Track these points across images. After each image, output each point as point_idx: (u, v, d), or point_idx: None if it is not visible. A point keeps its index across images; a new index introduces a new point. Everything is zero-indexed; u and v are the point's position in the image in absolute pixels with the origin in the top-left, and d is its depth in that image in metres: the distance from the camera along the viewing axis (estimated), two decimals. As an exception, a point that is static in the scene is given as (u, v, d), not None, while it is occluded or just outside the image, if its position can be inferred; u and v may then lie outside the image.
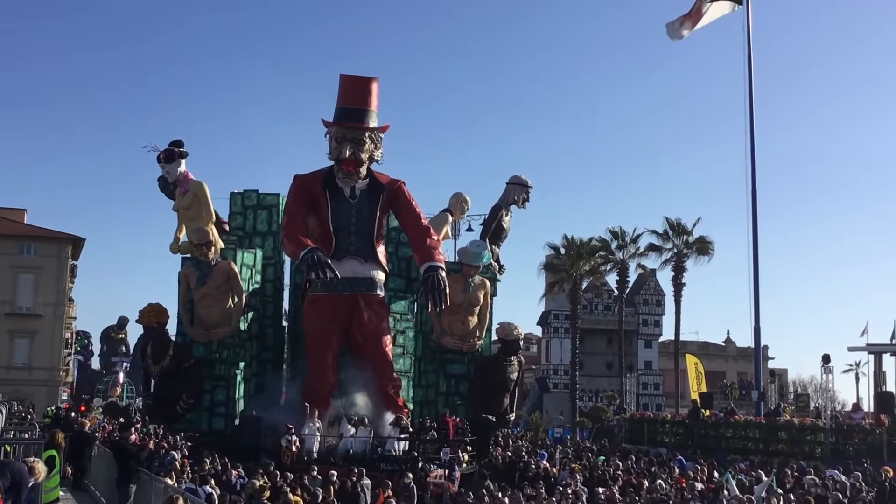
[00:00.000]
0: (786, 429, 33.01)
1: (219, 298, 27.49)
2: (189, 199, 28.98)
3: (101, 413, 55.29)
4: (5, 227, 58.80)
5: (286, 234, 26.45)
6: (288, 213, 27.06)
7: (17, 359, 56.77)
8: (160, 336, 27.15)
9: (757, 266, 39.39)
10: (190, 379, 26.84)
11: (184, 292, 27.82)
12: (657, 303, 67.31)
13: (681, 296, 54.98)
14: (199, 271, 27.46)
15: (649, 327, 67.34)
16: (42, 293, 57.35)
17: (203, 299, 27.48)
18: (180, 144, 29.37)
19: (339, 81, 27.46)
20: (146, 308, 27.40)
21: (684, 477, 23.89)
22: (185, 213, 29.20)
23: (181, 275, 27.97)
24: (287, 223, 26.73)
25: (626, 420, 43.07)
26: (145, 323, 27.36)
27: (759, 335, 39.99)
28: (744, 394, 62.88)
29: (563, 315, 64.47)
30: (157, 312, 27.29)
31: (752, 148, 39.85)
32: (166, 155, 28.99)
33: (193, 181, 29.19)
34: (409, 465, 22.36)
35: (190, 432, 25.19)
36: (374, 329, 26.45)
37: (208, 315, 27.48)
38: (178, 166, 29.02)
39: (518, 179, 34.07)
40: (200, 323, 27.56)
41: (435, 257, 25.98)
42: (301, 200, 26.89)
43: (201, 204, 29.03)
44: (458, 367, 30.36)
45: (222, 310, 27.57)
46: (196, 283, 27.47)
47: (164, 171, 29.33)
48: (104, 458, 22.41)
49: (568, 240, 56.38)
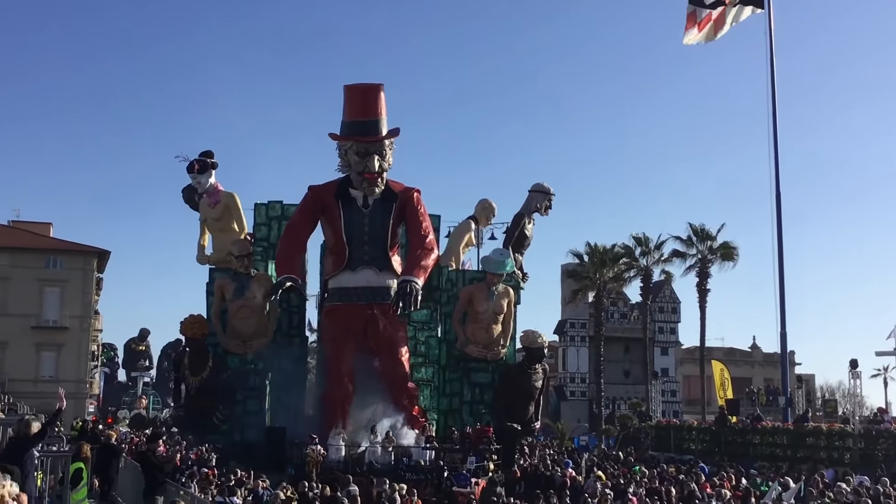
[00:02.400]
0: (814, 435, 32.72)
1: (255, 310, 27.59)
2: (220, 210, 29.09)
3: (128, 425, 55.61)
4: (31, 240, 59.21)
5: (280, 247, 26.83)
6: (289, 224, 27.33)
7: (43, 372, 57.05)
8: (200, 348, 27.16)
9: (782, 271, 39.18)
10: (226, 390, 26.91)
11: (217, 303, 27.89)
12: (672, 310, 67.83)
13: (706, 302, 54.65)
14: (237, 283, 27.54)
15: (665, 335, 67.57)
16: (68, 306, 57.66)
17: (240, 311, 27.56)
18: (211, 155, 29.48)
19: (343, 93, 26.98)
20: (189, 319, 27.40)
21: (709, 483, 23.75)
22: (216, 223, 29.30)
23: (216, 286, 28.06)
24: (284, 235, 27.14)
25: (651, 427, 42.84)
26: (188, 334, 27.35)
27: (786, 340, 39.72)
28: (770, 400, 62.47)
29: (579, 324, 65.45)
30: (199, 324, 27.33)
31: (776, 153, 39.63)
32: (201, 165, 29.07)
33: (224, 192, 29.29)
34: (434, 475, 22.33)
35: (218, 444, 25.30)
36: (389, 338, 26.39)
37: (245, 326, 27.55)
38: (209, 177, 29.16)
39: (540, 187, 34.05)
40: (235, 334, 27.61)
41: (414, 272, 25.31)
42: (307, 212, 27.06)
43: (233, 215, 29.15)
44: (482, 375, 30.30)
45: (258, 321, 27.68)
46: (233, 295, 27.54)
47: (194, 182, 29.37)
48: (131, 470, 22.49)
49: (591, 247, 56.27)
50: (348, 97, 26.87)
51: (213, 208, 29.28)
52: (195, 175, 29.11)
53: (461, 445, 25.22)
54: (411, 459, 23.72)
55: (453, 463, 23.76)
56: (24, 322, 56.12)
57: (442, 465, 23.33)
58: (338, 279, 26.65)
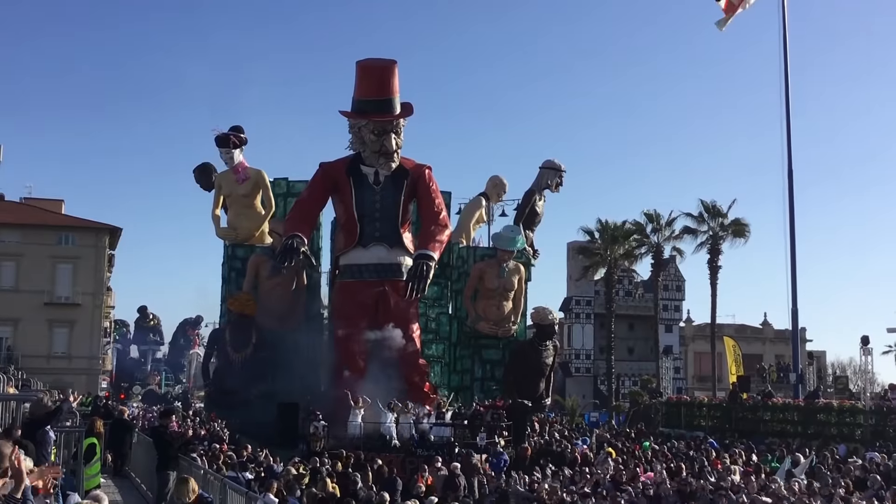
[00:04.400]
0: (825, 411, 32.72)
1: (288, 288, 27.67)
2: (249, 186, 29.05)
3: (141, 400, 55.95)
4: (43, 217, 59.36)
5: (287, 219, 26.76)
6: (299, 198, 27.34)
7: (56, 348, 57.29)
8: (246, 325, 27.18)
9: (794, 250, 39.11)
10: (268, 367, 26.95)
11: (251, 280, 27.94)
12: (677, 288, 68.18)
13: (717, 279, 54.63)
14: (274, 261, 27.59)
15: (669, 312, 67.94)
16: (80, 283, 57.82)
17: (275, 289, 27.62)
18: (241, 131, 29.41)
19: (356, 70, 26.77)
20: (242, 296, 27.40)
21: (720, 460, 23.79)
22: (243, 199, 29.26)
23: (251, 263, 28.11)
24: (293, 208, 27.17)
25: (662, 404, 42.91)
26: (238, 310, 27.31)
27: (797, 317, 39.67)
28: (781, 377, 62.49)
29: (584, 301, 65.99)
30: (251, 303, 27.36)
31: (789, 132, 39.42)
32: (240, 140, 28.99)
33: (254, 169, 29.26)
34: (445, 451, 22.37)
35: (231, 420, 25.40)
36: (400, 315, 26.38)
37: (280, 304, 27.59)
38: (240, 153, 29.14)
39: (551, 164, 34.00)
40: (269, 312, 27.62)
41: (429, 246, 25.57)
42: (318, 188, 27.03)
43: (262, 192, 29.15)
44: (493, 352, 30.35)
45: (292, 299, 27.75)
46: (269, 273, 27.57)
47: (223, 156, 29.15)
48: (144, 446, 22.63)
49: (602, 223, 56.21)
50: (361, 74, 26.65)
51: (240, 184, 29.17)
52: (227, 150, 28.92)
53: (471, 421, 25.24)
54: (424, 435, 23.74)
55: (462, 439, 23.79)
56: (37, 298, 56.34)
57: (453, 440, 23.37)
58: (349, 256, 26.66)
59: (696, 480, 18.36)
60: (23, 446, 9.53)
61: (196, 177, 30.88)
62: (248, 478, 16.96)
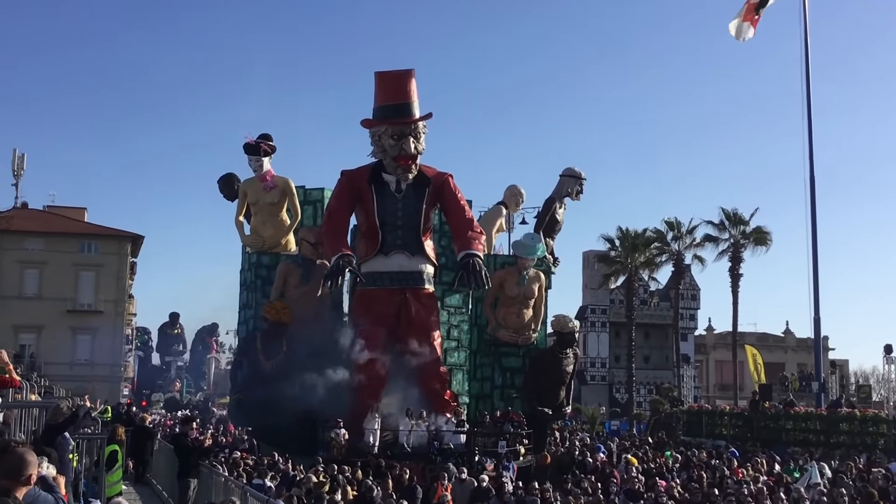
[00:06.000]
0: (847, 420, 32.51)
1: (315, 296, 27.74)
2: (277, 194, 29.07)
3: (162, 408, 56.17)
4: (66, 225, 59.81)
5: (325, 231, 26.56)
6: (329, 209, 27.18)
7: (79, 355, 57.68)
8: (279, 333, 27.21)
9: (816, 258, 39.00)
10: (295, 375, 26.97)
11: (279, 288, 28.01)
12: (692, 297, 67.93)
13: (738, 287, 54.42)
14: (303, 269, 27.54)
15: (685, 321, 67.70)
16: (103, 290, 58.22)
17: (303, 297, 27.65)
18: (270, 139, 29.47)
19: (375, 80, 26.91)
20: (278, 304, 27.42)
21: (742, 469, 23.67)
22: (270, 207, 29.28)
23: (280, 271, 28.14)
24: (327, 219, 26.90)
25: (683, 412, 42.76)
26: (274, 318, 27.38)
27: (820, 326, 39.48)
28: (804, 385, 62.10)
29: (599, 309, 65.89)
30: (287, 311, 27.40)
31: (811, 138, 39.36)
32: (270, 148, 29.05)
33: (281, 178, 29.28)
34: (464, 459, 22.37)
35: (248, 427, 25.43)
36: (421, 323, 26.38)
37: (306, 312, 27.65)
38: (268, 161, 29.21)
39: (572, 171, 33.92)
40: (297, 320, 27.62)
41: (473, 246, 25.73)
42: (345, 196, 26.91)
43: (289, 200, 29.21)
44: (513, 360, 30.30)
45: (318, 308, 27.82)
46: (298, 281, 27.61)
47: (252, 164, 29.13)
48: (165, 453, 22.72)
49: (622, 231, 56.07)
50: (380, 83, 26.77)
51: (267, 192, 29.24)
52: (256, 158, 28.96)
53: (491, 430, 25.24)
54: (443, 443, 23.75)
55: (484, 447, 23.80)
56: (60, 306, 56.78)
57: (473, 449, 23.36)
58: (370, 264, 26.66)
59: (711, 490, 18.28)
60: (45, 454, 9.57)
61: (220, 187, 30.95)
62: (269, 485, 17.00)
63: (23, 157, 63.80)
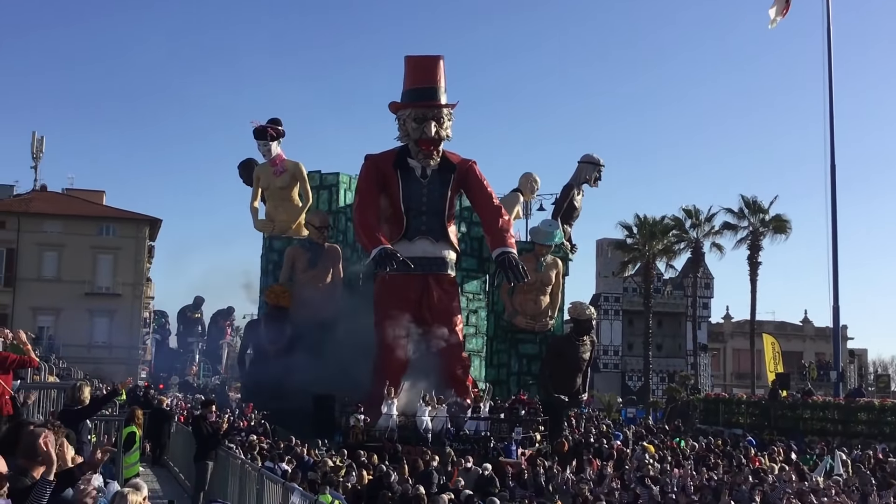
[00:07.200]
0: (865, 410, 32.32)
1: (324, 280, 27.69)
2: (287, 178, 29.03)
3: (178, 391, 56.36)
4: (85, 208, 59.95)
5: (359, 222, 26.21)
6: (360, 195, 26.88)
7: (97, 338, 57.85)
8: (282, 317, 27.22)
9: (836, 247, 38.70)
10: (301, 359, 27.00)
11: (287, 272, 27.98)
12: (706, 286, 67.55)
13: (756, 275, 54.14)
14: (311, 253, 27.51)
15: (698, 309, 67.05)
16: (121, 273, 58.37)
17: (311, 281, 27.64)
18: (279, 123, 29.44)
19: (404, 64, 27.13)
20: (276, 288, 27.45)
21: (758, 457, 23.59)
22: (280, 192, 29.30)
23: (288, 255, 28.14)
24: (358, 207, 26.56)
25: (700, 401, 42.63)
26: (273, 302, 27.37)
27: (839, 315, 39.26)
28: (822, 374, 61.78)
29: (612, 297, 66.02)
30: (286, 295, 27.40)
31: (832, 127, 39.01)
32: (277, 133, 29.02)
33: (291, 161, 29.24)
34: (480, 445, 22.34)
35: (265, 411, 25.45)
36: (444, 308, 26.34)
37: (314, 296, 27.62)
38: (277, 145, 29.18)
39: (590, 158, 33.82)
40: (305, 304, 27.65)
41: (507, 242, 25.79)
42: (372, 181, 26.71)
43: (299, 184, 29.15)
44: (529, 346, 30.30)
45: (327, 291, 27.79)
46: (306, 265, 27.58)
47: (261, 148, 29.13)
48: (182, 435, 22.78)
49: (640, 219, 55.84)
50: (408, 67, 26.97)
51: (277, 177, 29.20)
52: (265, 142, 28.94)
53: (508, 416, 25.20)
54: (460, 429, 23.70)
55: (500, 433, 23.74)
56: (78, 289, 56.94)
57: (489, 435, 23.31)
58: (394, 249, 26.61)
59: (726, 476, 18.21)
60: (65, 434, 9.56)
61: (240, 172, 31.02)
62: (285, 468, 17.02)
63: (42, 140, 63.93)
